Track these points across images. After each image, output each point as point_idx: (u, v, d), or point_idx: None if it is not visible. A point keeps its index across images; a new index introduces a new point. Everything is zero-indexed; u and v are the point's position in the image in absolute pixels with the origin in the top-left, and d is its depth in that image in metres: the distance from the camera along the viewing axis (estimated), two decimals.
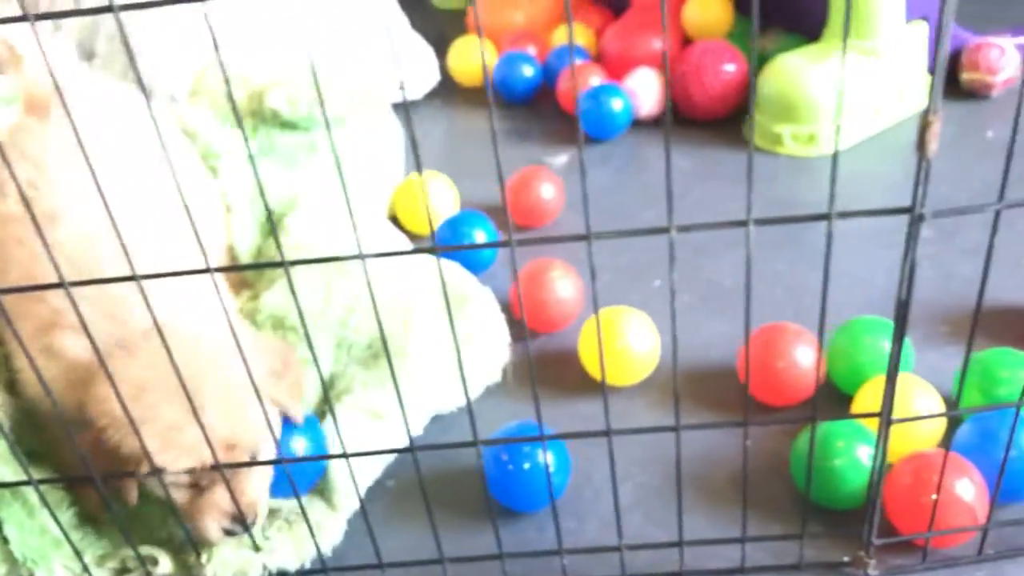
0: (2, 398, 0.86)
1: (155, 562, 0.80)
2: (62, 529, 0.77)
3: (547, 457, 0.83)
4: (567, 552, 0.79)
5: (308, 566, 0.82)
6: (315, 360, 0.67)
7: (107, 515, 0.81)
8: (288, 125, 1.19)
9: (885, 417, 0.68)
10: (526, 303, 1.05)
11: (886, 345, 0.92)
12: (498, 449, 0.85)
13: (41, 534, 0.78)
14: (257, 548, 0.79)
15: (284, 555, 0.80)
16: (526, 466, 0.84)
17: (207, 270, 0.62)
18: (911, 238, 0.61)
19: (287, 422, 0.84)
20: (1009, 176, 0.62)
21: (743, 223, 0.58)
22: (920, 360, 0.94)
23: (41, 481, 0.75)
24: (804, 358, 0.91)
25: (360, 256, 0.61)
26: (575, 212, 1.24)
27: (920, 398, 0.85)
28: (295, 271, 0.98)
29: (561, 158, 1.38)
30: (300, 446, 0.85)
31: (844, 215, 0.60)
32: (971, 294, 0.89)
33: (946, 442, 0.83)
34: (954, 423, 0.85)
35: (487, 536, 0.81)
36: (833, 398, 0.93)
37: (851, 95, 1.30)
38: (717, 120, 1.40)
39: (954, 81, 1.40)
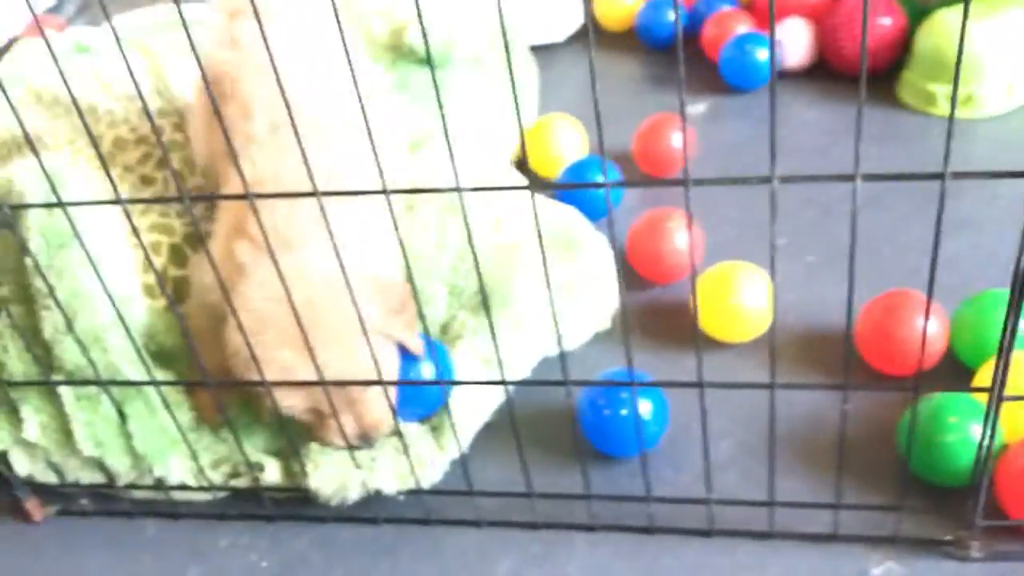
0: (140, 299, 0.91)
1: (263, 469, 0.85)
2: (180, 430, 0.83)
3: (641, 404, 0.83)
4: (654, 500, 0.79)
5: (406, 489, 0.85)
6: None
7: (221, 421, 0.85)
8: (424, 61, 1.20)
9: (995, 393, 0.65)
10: (642, 252, 1.04)
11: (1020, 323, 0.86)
12: (595, 393, 0.86)
13: (161, 433, 0.84)
14: (358, 465, 0.83)
15: (385, 478, 0.83)
16: (622, 412, 0.84)
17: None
18: None
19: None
20: None
21: (850, 177, 0.56)
22: None
23: (162, 383, 0.81)
24: (928, 328, 0.87)
25: (455, 189, 0.62)
26: (707, 163, 1.22)
27: None
28: (413, 215, 0.99)
29: (699, 107, 1.35)
30: (428, 371, 0.86)
31: (959, 176, 0.56)
32: None
33: None
34: None
35: (579, 477, 0.82)
36: (955, 371, 0.88)
37: (1015, 55, 1.21)
38: (869, 76, 1.33)
39: None
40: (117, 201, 0.67)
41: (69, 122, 1.15)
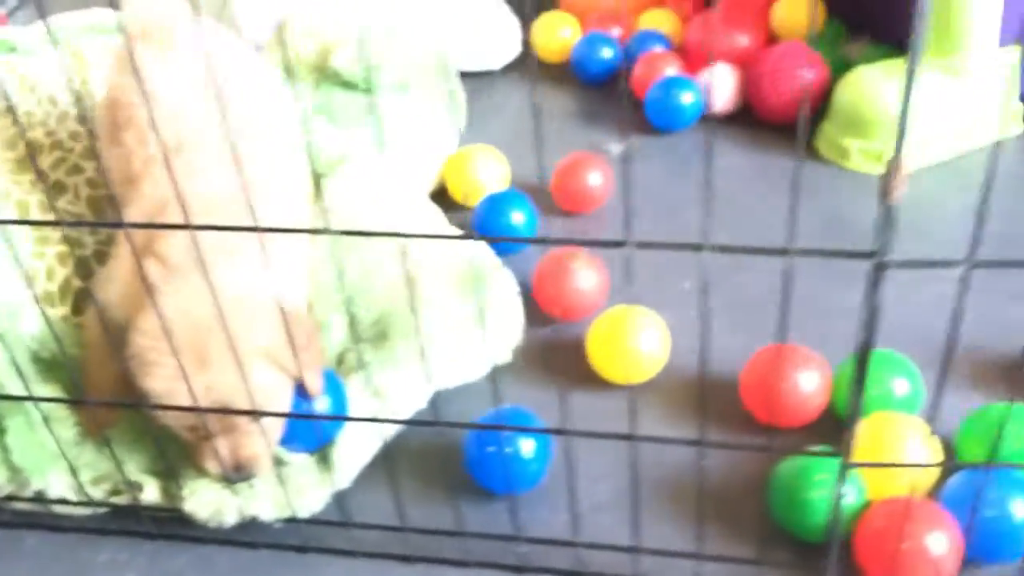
0: (31, 309, 0.91)
1: (142, 488, 0.85)
2: (60, 445, 0.83)
3: (524, 443, 0.85)
4: (523, 540, 0.80)
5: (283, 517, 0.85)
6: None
7: (102, 438, 0.85)
8: (349, 85, 1.21)
9: (844, 459, 0.67)
10: (548, 290, 1.05)
11: (896, 383, 0.89)
12: (480, 430, 0.87)
13: (40, 448, 0.84)
14: (235, 492, 0.83)
15: (262, 506, 0.84)
16: (505, 450, 0.86)
17: (185, 226, 0.65)
18: (873, 285, 0.60)
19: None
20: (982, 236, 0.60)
21: (698, 247, 0.58)
22: (939, 404, 0.91)
23: (41, 399, 0.81)
24: (807, 382, 0.89)
25: (326, 231, 0.63)
26: (621, 201, 1.24)
27: (913, 442, 0.82)
28: (315, 240, 1.00)
29: (621, 145, 1.37)
30: (323, 405, 0.87)
31: (804, 253, 0.58)
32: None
33: (935, 492, 0.81)
34: (950, 473, 0.82)
35: (458, 513, 0.83)
36: (835, 427, 0.91)
37: (925, 114, 1.24)
38: (789, 125, 1.36)
39: None
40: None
41: None
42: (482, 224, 1.15)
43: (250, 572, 0.85)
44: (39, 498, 0.87)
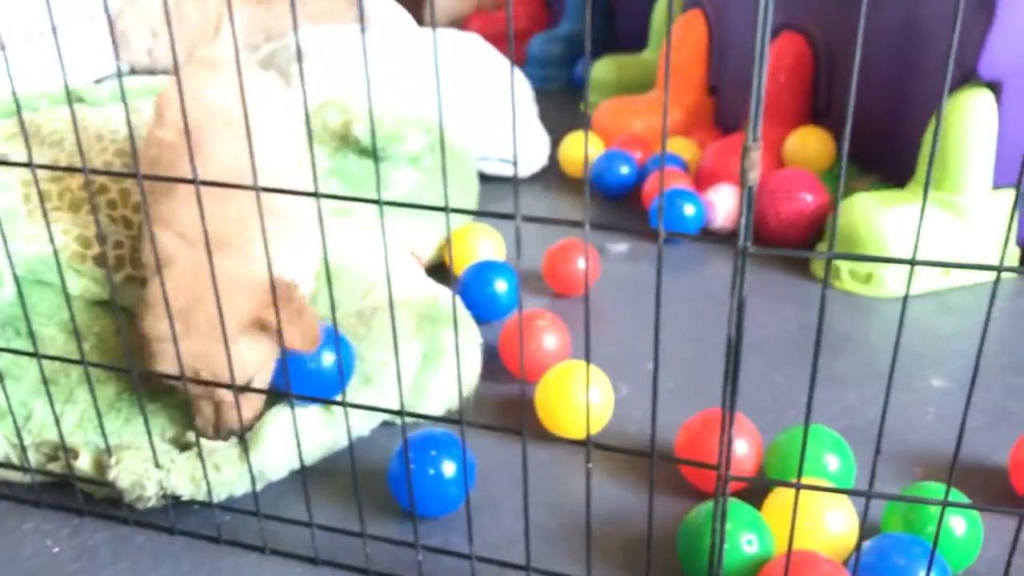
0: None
1: (76, 456, 0.89)
2: (8, 403, 0.88)
3: (447, 465, 0.86)
4: (423, 548, 0.81)
5: (200, 498, 0.87)
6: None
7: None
8: (364, 152, 1.30)
9: (721, 470, 0.67)
10: (514, 348, 1.08)
11: (827, 458, 0.88)
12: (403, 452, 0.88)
13: None
14: (159, 466, 0.86)
15: (179, 481, 0.86)
16: (429, 471, 0.87)
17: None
18: (738, 271, 0.62)
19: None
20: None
21: (579, 224, 0.61)
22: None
23: (3, 349, 0.86)
24: (737, 448, 0.89)
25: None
26: (605, 290, 1.28)
27: (833, 512, 0.81)
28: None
29: (620, 247, 1.42)
30: (329, 359, 0.93)
31: (671, 235, 0.61)
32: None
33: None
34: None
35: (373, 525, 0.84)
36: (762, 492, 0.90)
37: (920, 245, 1.26)
38: (789, 246, 1.39)
39: None
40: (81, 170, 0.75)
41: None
42: (465, 289, 1.19)
43: (163, 554, 0.86)
44: None
